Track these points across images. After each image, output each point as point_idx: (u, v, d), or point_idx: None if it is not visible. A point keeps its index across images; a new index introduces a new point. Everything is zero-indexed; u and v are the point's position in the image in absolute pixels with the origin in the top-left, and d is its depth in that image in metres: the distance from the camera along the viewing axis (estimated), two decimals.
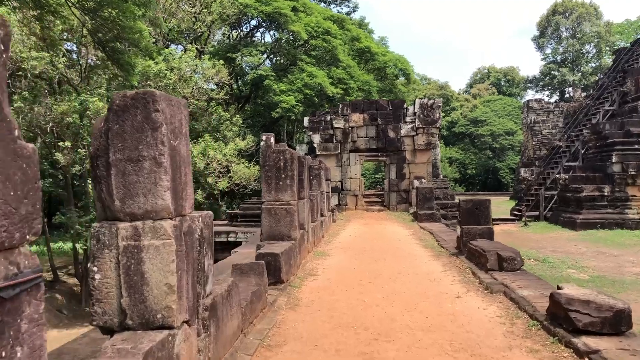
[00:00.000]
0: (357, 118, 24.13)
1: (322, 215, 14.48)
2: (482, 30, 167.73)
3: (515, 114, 62.61)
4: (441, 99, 22.64)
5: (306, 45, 37.80)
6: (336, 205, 22.61)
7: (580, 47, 62.38)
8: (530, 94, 67.49)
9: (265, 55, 40.40)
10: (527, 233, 22.25)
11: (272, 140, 8.41)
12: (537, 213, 27.00)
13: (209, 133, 25.31)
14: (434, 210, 18.42)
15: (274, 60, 40.94)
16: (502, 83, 72.58)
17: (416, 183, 21.56)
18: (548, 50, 65.05)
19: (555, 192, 26.84)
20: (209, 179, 22.38)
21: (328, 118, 24.07)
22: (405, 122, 23.24)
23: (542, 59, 65.53)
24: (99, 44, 19.61)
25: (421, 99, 22.72)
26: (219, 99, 31.50)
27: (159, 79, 25.10)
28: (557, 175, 26.90)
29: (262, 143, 8.54)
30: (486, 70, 74.84)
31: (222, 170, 23.39)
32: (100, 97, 24.23)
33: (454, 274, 8.97)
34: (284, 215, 8.69)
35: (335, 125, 24.10)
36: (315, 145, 23.68)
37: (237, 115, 33.37)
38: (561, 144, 31.20)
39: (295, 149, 26.70)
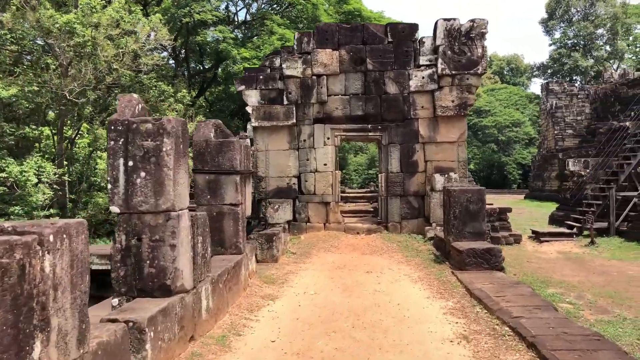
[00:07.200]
0: (327, 58, 12.04)
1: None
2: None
3: (522, 104, 54.18)
4: (487, 20, 10.48)
5: (279, 3, 27.63)
6: (287, 222, 11.16)
7: (593, 30, 52.24)
8: (537, 83, 56.98)
9: (230, 27, 29.77)
10: (606, 260, 11.95)
11: None
12: (605, 224, 16.17)
13: None
14: (489, 241, 7.12)
15: (247, 35, 30.32)
16: (506, 72, 62.62)
17: (439, 181, 10.27)
18: (557, 35, 55.03)
19: (635, 194, 16.13)
20: None
21: (277, 63, 12.16)
22: (418, 65, 11.49)
23: (551, 44, 55.79)
24: None
25: (448, 19, 10.82)
26: (154, 65, 21.05)
27: (68, 36, 15.30)
28: None
29: None
30: (488, 59, 63.88)
31: None
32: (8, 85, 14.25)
33: None
34: None
35: (288, 73, 12.05)
36: (250, 110, 11.72)
37: (184, 90, 23.37)
38: (628, 125, 20.13)
39: (247, 130, 15.80)
